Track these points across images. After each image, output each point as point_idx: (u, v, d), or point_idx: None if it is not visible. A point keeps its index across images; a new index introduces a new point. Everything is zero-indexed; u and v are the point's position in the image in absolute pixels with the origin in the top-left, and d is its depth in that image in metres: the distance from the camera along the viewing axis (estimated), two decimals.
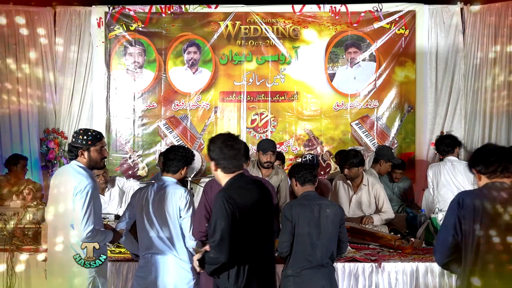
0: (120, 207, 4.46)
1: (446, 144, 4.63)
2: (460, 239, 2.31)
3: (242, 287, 2.44)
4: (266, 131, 6.19)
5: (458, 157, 4.69)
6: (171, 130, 6.17)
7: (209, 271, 2.47)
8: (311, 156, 5.05)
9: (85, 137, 2.94)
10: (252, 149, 5.52)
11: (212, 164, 2.60)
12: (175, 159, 3.21)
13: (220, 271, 2.45)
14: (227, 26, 6.15)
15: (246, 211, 2.46)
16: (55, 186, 2.98)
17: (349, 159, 4.14)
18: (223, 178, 2.59)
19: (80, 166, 2.93)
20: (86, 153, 2.94)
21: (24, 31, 5.92)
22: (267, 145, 4.29)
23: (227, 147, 2.54)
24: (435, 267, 3.48)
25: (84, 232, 2.78)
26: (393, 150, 5.51)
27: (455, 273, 2.52)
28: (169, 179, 3.21)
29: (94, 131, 3.03)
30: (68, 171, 2.96)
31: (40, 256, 3.55)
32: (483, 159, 2.39)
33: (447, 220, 2.39)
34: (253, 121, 6.22)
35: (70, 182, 2.86)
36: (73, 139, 2.97)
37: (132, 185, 4.61)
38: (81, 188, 2.81)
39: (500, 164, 2.33)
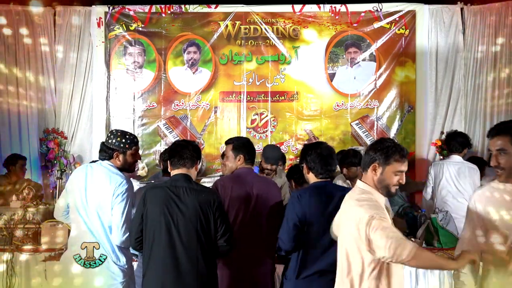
0: None
1: (459, 142, 4.58)
2: None
3: None
4: (266, 131, 6.18)
5: (463, 158, 4.66)
6: (171, 130, 6.16)
7: None
8: None
9: (123, 140, 2.86)
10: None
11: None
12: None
13: None
14: (227, 26, 6.15)
15: None
16: (88, 187, 2.82)
17: (348, 158, 4.11)
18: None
19: (114, 167, 2.85)
20: (121, 156, 2.87)
21: (24, 31, 5.91)
22: (270, 155, 4.04)
23: None
24: None
25: (123, 237, 2.74)
26: None
27: None
28: None
29: (131, 134, 2.95)
30: (103, 171, 2.84)
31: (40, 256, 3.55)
32: None
33: None
34: (253, 121, 6.21)
35: (107, 183, 2.78)
36: (109, 140, 2.87)
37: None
38: (122, 191, 2.76)
39: None
